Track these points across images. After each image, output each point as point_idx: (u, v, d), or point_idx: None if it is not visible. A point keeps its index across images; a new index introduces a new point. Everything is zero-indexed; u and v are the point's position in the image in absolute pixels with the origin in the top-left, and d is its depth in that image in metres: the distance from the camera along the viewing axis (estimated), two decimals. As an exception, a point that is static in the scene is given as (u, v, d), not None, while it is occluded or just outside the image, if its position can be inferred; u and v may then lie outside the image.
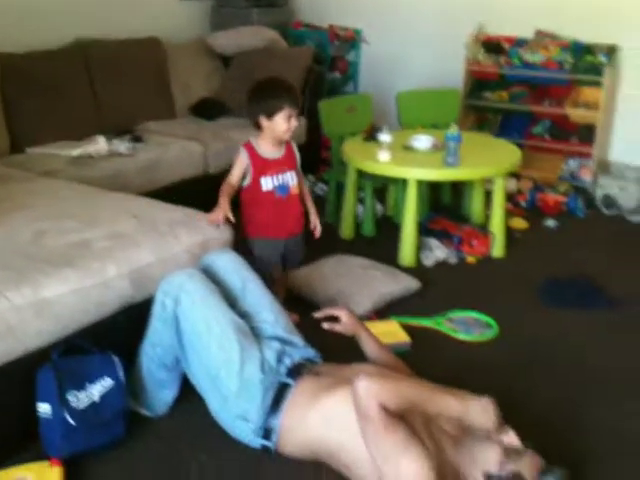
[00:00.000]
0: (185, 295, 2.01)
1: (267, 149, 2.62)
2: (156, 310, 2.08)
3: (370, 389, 1.73)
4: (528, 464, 1.70)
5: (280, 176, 2.62)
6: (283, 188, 2.63)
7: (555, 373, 2.48)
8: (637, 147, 4.39)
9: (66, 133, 3.63)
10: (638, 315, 2.92)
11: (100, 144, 3.55)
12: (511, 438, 1.75)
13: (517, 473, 1.68)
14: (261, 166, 2.59)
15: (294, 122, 2.56)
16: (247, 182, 2.62)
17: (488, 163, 3.33)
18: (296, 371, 2.02)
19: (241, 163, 2.61)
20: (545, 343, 2.68)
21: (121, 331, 2.19)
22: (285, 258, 2.76)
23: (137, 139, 3.68)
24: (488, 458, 1.72)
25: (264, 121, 2.57)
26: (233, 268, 2.24)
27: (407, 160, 3.33)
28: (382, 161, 3.27)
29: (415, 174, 3.24)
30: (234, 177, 2.61)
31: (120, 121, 3.88)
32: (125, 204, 2.58)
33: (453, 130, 3.12)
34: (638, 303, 3.02)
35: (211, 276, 2.17)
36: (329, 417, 1.87)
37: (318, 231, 2.79)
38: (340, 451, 1.84)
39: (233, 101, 4.23)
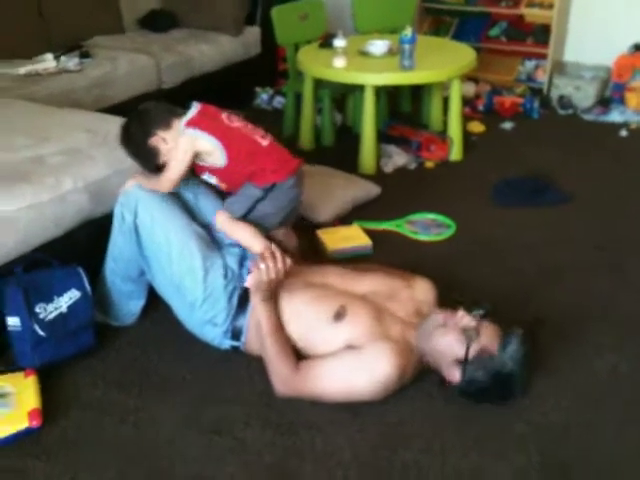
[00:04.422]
0: (143, 206, 2.01)
1: None
2: (116, 223, 2.08)
3: (285, 394, 1.87)
4: (488, 335, 1.79)
5: None
6: None
7: (509, 263, 2.58)
8: (592, 46, 4.41)
9: (13, 52, 3.51)
10: (590, 209, 3.03)
11: (48, 61, 3.47)
12: (463, 319, 1.82)
13: (482, 349, 1.77)
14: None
15: None
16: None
17: (444, 66, 3.32)
18: None
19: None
20: (501, 239, 2.77)
21: (83, 245, 2.20)
22: None
23: (85, 55, 3.58)
24: (451, 345, 1.80)
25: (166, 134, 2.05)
26: (182, 182, 2.19)
27: (363, 65, 3.30)
28: (337, 67, 3.23)
29: (371, 79, 3.23)
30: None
31: (67, 38, 3.74)
32: (77, 119, 2.53)
33: (407, 32, 3.09)
34: (591, 198, 3.12)
35: None
36: (291, 316, 1.95)
37: None
38: (302, 345, 1.93)
39: (183, 11, 4.11)
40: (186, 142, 2.03)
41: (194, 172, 2.16)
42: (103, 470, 1.71)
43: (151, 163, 2.08)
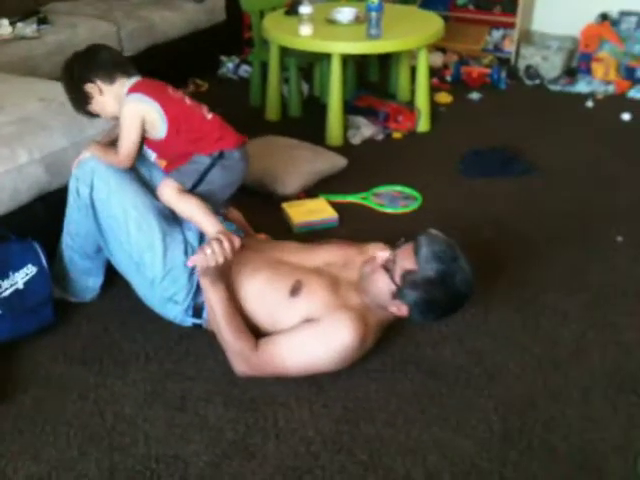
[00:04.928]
0: (99, 180, 1.94)
1: None
2: (71, 198, 2.00)
3: (247, 374, 1.85)
4: (404, 255, 1.79)
5: None
6: None
7: (477, 236, 2.58)
8: (559, 16, 4.40)
9: (-35, 17, 3.37)
10: (557, 179, 3.04)
11: (3, 27, 3.34)
12: (380, 256, 1.84)
13: (404, 270, 1.77)
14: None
15: None
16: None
17: (411, 34, 3.27)
18: None
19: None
20: (467, 211, 2.77)
21: (40, 219, 2.14)
22: None
23: (43, 21, 3.46)
24: (380, 283, 1.81)
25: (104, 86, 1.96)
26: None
27: (329, 33, 3.24)
28: (303, 35, 3.17)
29: (338, 48, 3.17)
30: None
31: (24, 3, 3.61)
32: (32, 87, 2.44)
33: (374, 0, 3.03)
34: (558, 168, 3.12)
35: None
36: (249, 296, 1.92)
37: None
38: (261, 324, 1.92)
39: (144, -24, 3.98)
40: (131, 109, 1.92)
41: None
42: (64, 448, 1.68)
43: (80, 106, 1.98)
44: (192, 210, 1.93)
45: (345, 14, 3.33)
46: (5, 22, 3.37)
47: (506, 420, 1.77)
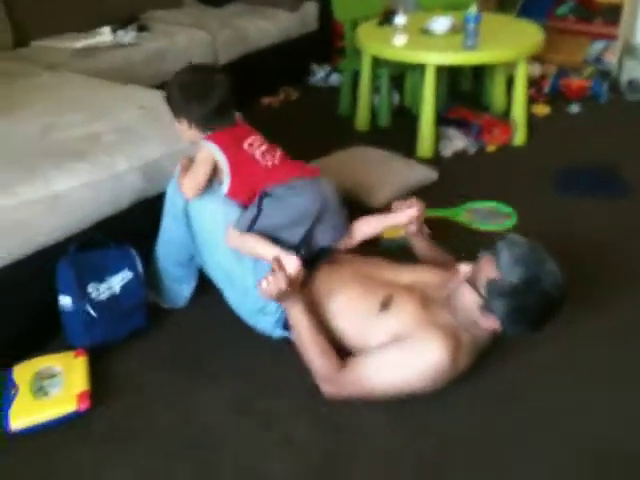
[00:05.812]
0: None
1: None
2: (167, 207, 2.04)
3: (333, 395, 1.80)
4: (485, 265, 1.71)
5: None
6: None
7: (573, 260, 2.44)
8: (666, 28, 4.17)
9: (70, 25, 3.50)
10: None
11: (105, 35, 3.45)
12: (461, 271, 1.77)
13: (488, 280, 1.69)
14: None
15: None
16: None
17: (509, 45, 3.16)
18: (312, 261, 1.99)
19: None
20: (564, 232, 2.64)
21: (136, 225, 2.16)
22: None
23: (142, 28, 3.55)
24: (466, 297, 1.74)
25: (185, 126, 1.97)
26: None
27: (424, 44, 3.17)
28: (398, 45, 3.12)
29: (433, 59, 3.10)
30: None
31: (125, 11, 3.72)
32: (132, 95, 2.50)
33: (472, 10, 2.95)
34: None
35: None
36: (336, 312, 1.89)
37: None
38: (348, 341, 1.88)
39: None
40: (204, 152, 1.91)
41: None
42: (151, 458, 1.69)
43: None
44: (253, 247, 1.89)
45: (441, 24, 3.26)
46: (106, 30, 3.47)
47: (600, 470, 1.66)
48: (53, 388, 1.82)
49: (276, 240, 1.88)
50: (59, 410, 1.76)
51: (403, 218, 2.03)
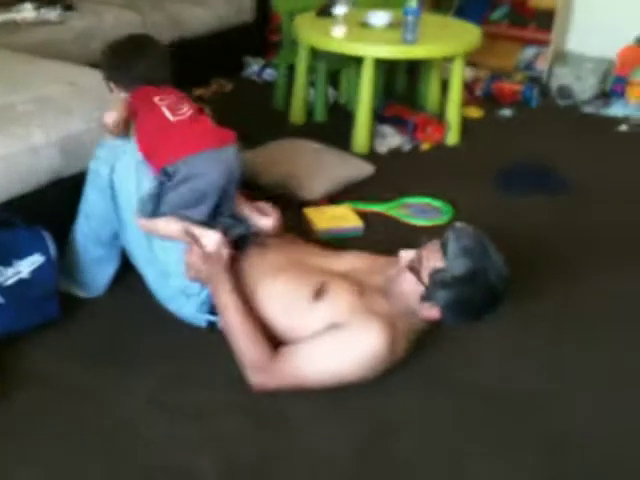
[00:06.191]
0: (120, 162, 1.83)
1: None
2: (90, 178, 1.89)
3: (263, 386, 1.69)
4: (429, 254, 1.67)
5: None
6: None
7: (512, 252, 2.43)
8: (595, 37, 4.25)
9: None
10: (591, 197, 2.90)
11: (27, 11, 3.25)
12: (403, 257, 1.72)
13: (432, 269, 1.64)
14: None
15: None
16: None
17: (448, 41, 3.15)
18: (240, 244, 1.88)
19: None
20: (502, 227, 2.61)
21: (51, 206, 2.01)
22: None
23: (68, 7, 3.37)
24: (407, 286, 1.69)
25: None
26: None
27: (363, 36, 3.12)
28: (337, 37, 3.05)
29: (372, 51, 3.04)
30: None
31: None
32: (60, 70, 2.34)
33: (412, 2, 2.91)
34: (591, 186, 2.98)
35: None
36: (267, 299, 1.79)
37: None
38: (280, 330, 1.78)
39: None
40: (114, 96, 1.90)
41: None
42: (61, 453, 1.54)
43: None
44: (164, 229, 1.80)
45: (380, 18, 3.21)
46: (28, 6, 3.29)
47: (551, 455, 1.61)
48: (-50, 379, 1.65)
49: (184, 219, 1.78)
50: (-45, 403, 1.59)
51: (258, 223, 1.94)
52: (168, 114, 1.81)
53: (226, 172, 1.80)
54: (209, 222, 1.81)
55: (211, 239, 1.74)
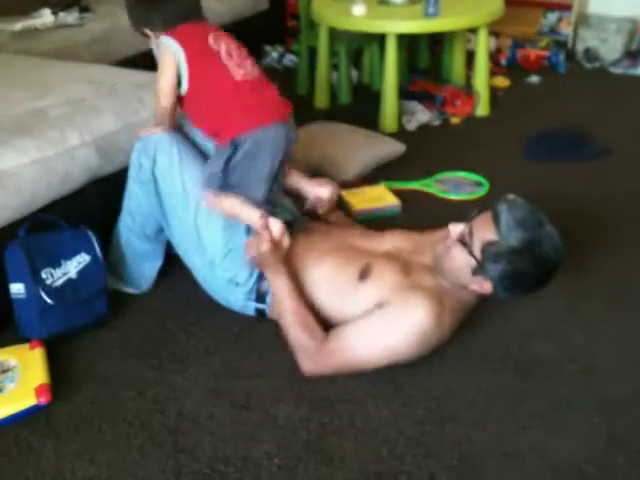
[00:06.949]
0: (161, 154, 1.81)
1: None
2: (132, 172, 1.87)
3: (315, 371, 1.68)
4: (481, 226, 1.63)
5: None
6: None
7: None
8: (617, -3, 4.17)
9: (7, 7, 3.28)
10: (629, 161, 2.83)
11: (45, 16, 3.26)
12: (453, 231, 1.68)
13: (484, 242, 1.61)
14: None
15: None
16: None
17: (471, 12, 3.09)
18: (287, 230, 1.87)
19: None
20: (539, 195, 2.57)
21: (91, 206, 2.01)
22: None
23: (85, 9, 3.36)
24: (458, 260, 1.65)
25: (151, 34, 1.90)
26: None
27: (384, 13, 3.08)
28: (357, 15, 3.01)
29: (394, 27, 3.00)
30: None
31: (65, -7, 3.53)
32: (80, 71, 2.33)
33: (434, -25, 2.86)
34: (629, 149, 2.92)
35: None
36: (315, 284, 1.79)
37: None
38: (329, 314, 1.78)
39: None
40: (162, 49, 1.79)
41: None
42: (124, 449, 1.54)
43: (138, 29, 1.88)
44: (232, 208, 1.76)
45: (399, -7, 3.17)
46: (47, 11, 3.29)
47: (609, 421, 1.58)
48: (9, 383, 1.65)
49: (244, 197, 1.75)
50: (17, 405, 1.60)
51: (315, 193, 1.94)
52: (232, 68, 1.73)
53: (284, 149, 1.78)
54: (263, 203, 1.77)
55: (276, 226, 1.72)
